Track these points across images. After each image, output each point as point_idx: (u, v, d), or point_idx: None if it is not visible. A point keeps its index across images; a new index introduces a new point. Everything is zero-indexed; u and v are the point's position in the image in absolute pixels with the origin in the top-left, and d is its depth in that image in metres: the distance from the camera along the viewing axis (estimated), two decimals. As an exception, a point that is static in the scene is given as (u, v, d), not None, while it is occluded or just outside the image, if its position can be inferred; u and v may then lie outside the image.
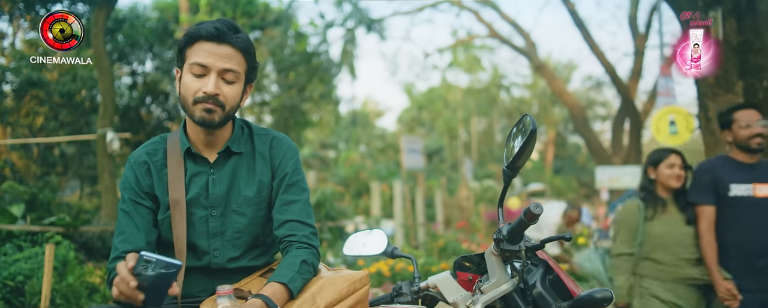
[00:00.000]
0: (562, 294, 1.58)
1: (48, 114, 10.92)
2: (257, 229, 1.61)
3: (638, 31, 16.19)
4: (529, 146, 1.45)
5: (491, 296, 1.58)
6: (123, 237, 1.53)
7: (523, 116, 1.49)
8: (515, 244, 1.51)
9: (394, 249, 1.89)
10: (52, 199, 7.42)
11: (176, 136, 1.61)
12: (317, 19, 17.94)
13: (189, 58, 1.52)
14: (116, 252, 1.51)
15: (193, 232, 1.56)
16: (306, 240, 1.55)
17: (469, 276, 1.78)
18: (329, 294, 1.45)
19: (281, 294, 1.41)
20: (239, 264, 1.60)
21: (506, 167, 1.52)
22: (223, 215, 1.58)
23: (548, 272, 1.61)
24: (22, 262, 4.50)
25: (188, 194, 1.56)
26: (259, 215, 1.60)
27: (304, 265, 1.49)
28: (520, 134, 1.49)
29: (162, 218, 1.56)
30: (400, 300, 1.77)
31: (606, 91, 27.56)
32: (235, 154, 1.61)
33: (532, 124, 1.43)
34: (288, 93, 16.79)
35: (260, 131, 1.66)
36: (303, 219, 1.57)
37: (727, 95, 5.37)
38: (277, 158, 1.62)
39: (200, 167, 1.59)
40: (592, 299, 1.46)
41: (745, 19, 5.22)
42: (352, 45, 20.63)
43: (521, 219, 1.45)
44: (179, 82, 1.56)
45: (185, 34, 1.53)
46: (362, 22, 19.26)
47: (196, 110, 1.51)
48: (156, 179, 1.57)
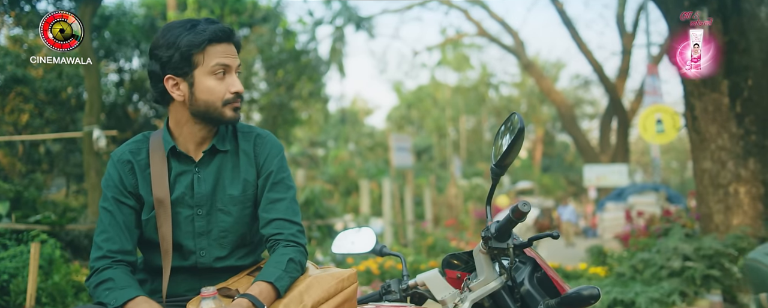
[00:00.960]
0: (549, 291, 1.59)
1: (33, 111, 10.80)
2: (244, 228, 1.60)
3: (626, 30, 16.30)
4: (517, 145, 1.46)
5: (479, 294, 1.59)
6: (106, 236, 1.51)
7: (511, 115, 1.50)
8: (503, 242, 1.52)
9: (383, 247, 1.90)
10: (38, 197, 7.34)
11: (159, 135, 1.59)
12: (306, 17, 17.85)
13: (206, 62, 1.51)
14: (100, 251, 1.50)
15: (179, 232, 1.55)
16: (293, 238, 1.55)
17: (457, 274, 1.78)
18: (317, 292, 1.44)
19: (268, 293, 1.41)
20: (226, 264, 1.59)
21: (494, 165, 1.53)
22: (208, 214, 1.57)
23: (536, 269, 1.62)
24: (7, 261, 4.45)
25: (173, 193, 1.55)
26: (245, 214, 1.59)
27: (291, 263, 1.48)
28: (508, 133, 1.50)
29: (147, 218, 1.55)
30: (388, 298, 1.77)
31: (594, 89, 27.75)
32: (220, 152, 1.59)
33: (520, 122, 1.44)
34: (276, 91, 16.72)
35: (244, 129, 1.64)
36: (289, 217, 1.57)
37: (712, 94, 5.43)
38: (262, 156, 1.61)
39: (185, 166, 1.58)
40: (579, 296, 1.47)
41: (730, 19, 5.27)
42: (341, 43, 20.60)
43: (509, 217, 1.46)
44: (184, 88, 1.53)
45: (191, 38, 1.49)
46: (351, 20, 19.23)
47: (226, 110, 1.53)
48: (140, 178, 1.56)
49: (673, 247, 4.85)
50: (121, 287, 1.42)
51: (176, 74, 1.53)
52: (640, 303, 4.29)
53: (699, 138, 5.54)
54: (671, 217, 5.95)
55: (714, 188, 5.41)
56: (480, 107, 30.49)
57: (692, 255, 4.73)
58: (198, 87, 1.52)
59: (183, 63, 1.51)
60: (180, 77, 1.53)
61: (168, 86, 1.54)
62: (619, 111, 16.09)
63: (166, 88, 1.54)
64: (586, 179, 15.06)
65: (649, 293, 4.39)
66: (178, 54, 1.50)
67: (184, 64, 1.51)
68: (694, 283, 4.61)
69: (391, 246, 8.47)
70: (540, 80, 18.16)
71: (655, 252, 4.99)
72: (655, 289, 4.46)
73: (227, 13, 16.24)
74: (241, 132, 1.63)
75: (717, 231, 5.33)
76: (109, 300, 1.40)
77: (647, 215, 6.68)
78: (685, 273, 4.64)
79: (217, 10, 16.68)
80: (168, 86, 1.54)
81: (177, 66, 1.51)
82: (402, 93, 31.40)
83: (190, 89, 1.53)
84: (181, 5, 16.70)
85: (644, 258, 4.93)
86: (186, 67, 1.51)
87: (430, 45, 27.23)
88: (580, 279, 5.33)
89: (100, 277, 1.46)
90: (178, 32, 1.51)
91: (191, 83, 1.53)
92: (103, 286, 1.44)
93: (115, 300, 1.40)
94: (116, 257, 1.49)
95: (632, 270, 4.95)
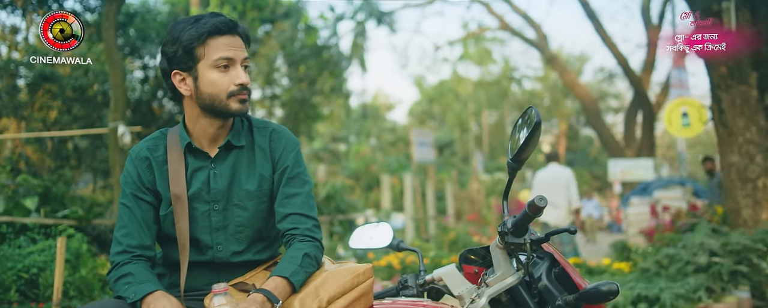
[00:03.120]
0: (568, 287, 1.57)
1: (61, 108, 11.03)
2: (260, 223, 1.61)
3: (651, 22, 16.01)
4: (533, 139, 1.45)
5: (496, 289, 1.58)
6: (125, 231, 1.53)
7: (528, 109, 1.49)
8: (520, 237, 1.50)
9: (400, 242, 1.89)
10: (66, 192, 7.49)
11: (176, 131, 1.61)
12: (327, 12, 17.87)
13: (208, 55, 1.51)
14: (120, 246, 1.52)
15: (196, 227, 1.57)
16: (309, 232, 1.55)
17: (474, 269, 1.77)
18: (332, 287, 1.44)
19: (283, 288, 1.41)
20: (243, 258, 1.60)
21: (511, 159, 1.51)
22: (225, 209, 1.58)
23: (554, 265, 1.60)
24: (36, 255, 4.54)
25: (190, 189, 1.56)
26: (261, 209, 1.60)
27: (307, 258, 1.49)
28: (525, 126, 1.49)
29: (164, 213, 1.57)
30: (405, 293, 1.77)
31: (618, 83, 27.36)
32: (235, 148, 1.60)
33: (537, 116, 1.43)
34: (298, 86, 16.80)
35: (260, 124, 1.65)
36: (305, 212, 1.57)
37: (740, 86, 5.31)
38: (277, 151, 1.61)
39: (201, 162, 1.59)
40: (598, 292, 1.45)
41: (759, 9, 5.14)
42: (362, 38, 20.60)
43: (525, 212, 1.45)
44: (190, 83, 1.55)
45: (192, 32, 1.50)
46: (372, 14, 19.21)
47: (231, 103, 1.52)
48: (157, 174, 1.58)
49: (699, 242, 4.76)
50: (140, 281, 1.44)
51: (182, 69, 1.54)
52: (665, 299, 4.22)
53: (726, 132, 5.43)
54: (697, 212, 5.85)
55: (742, 182, 5.31)
56: (502, 102, 30.26)
57: (719, 251, 4.64)
58: (202, 80, 1.53)
59: (186, 57, 1.52)
60: (185, 71, 1.54)
61: (175, 81, 1.56)
62: (645, 104, 15.83)
63: (174, 83, 1.56)
64: (611, 174, 14.87)
65: (674, 289, 4.31)
66: (181, 49, 1.51)
67: (188, 58, 1.52)
68: (721, 279, 4.52)
69: (412, 241, 8.46)
70: (563, 73, 17.94)
71: (680, 247, 4.91)
72: (681, 285, 4.38)
73: (249, 9, 16.36)
74: (257, 127, 1.64)
75: (745, 226, 5.22)
76: (128, 294, 1.43)
77: (673, 210, 6.57)
78: (711, 268, 4.55)
79: (240, 6, 16.80)
80: (175, 81, 1.56)
81: (181, 61, 1.53)
82: (423, 88, 31.31)
83: (195, 83, 1.54)
84: (204, 2, 16.86)
85: (669, 253, 4.85)
86: (189, 62, 1.52)
87: (452, 39, 27.08)
88: (603, 275, 5.27)
89: (120, 272, 1.48)
90: (182, 27, 1.52)
91: (195, 77, 1.53)
92: (122, 280, 1.46)
93: (134, 294, 1.42)
94: (135, 252, 1.52)
95: (657, 265, 4.87)
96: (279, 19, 17.85)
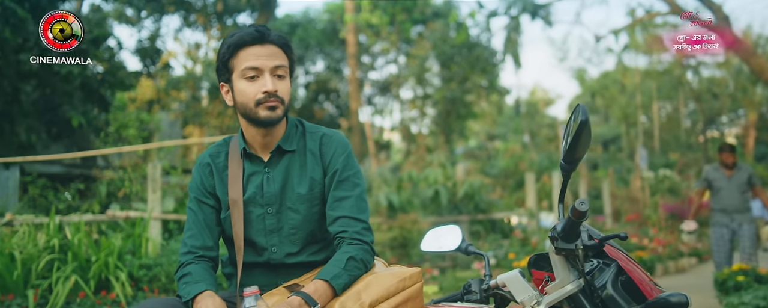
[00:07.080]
0: (637, 296, 1.46)
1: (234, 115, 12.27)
2: (312, 225, 1.65)
3: None
4: (582, 138, 1.36)
5: (555, 297, 1.50)
6: (190, 233, 1.66)
7: (577, 106, 1.40)
8: (571, 243, 1.41)
9: (469, 245, 1.85)
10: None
11: (236, 138, 1.71)
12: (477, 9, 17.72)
13: (237, 66, 1.60)
14: (185, 247, 1.65)
15: (252, 229, 1.64)
16: (357, 235, 1.57)
17: (545, 275, 1.69)
18: (376, 290, 1.44)
19: (324, 291, 1.44)
20: (298, 260, 1.65)
21: (563, 160, 1.43)
22: (278, 212, 1.64)
23: (621, 272, 1.49)
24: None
25: (246, 193, 1.64)
26: (313, 212, 1.64)
27: (352, 261, 1.50)
28: (575, 126, 1.40)
29: (223, 216, 1.67)
30: (469, 298, 1.73)
31: (820, 65, 23.65)
32: (287, 152, 1.66)
33: (583, 114, 1.34)
34: (449, 85, 16.84)
35: (312, 129, 1.70)
36: (355, 215, 1.59)
37: None
38: (327, 155, 1.65)
39: (256, 167, 1.67)
40: (666, 303, 1.38)
41: None
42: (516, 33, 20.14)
43: (569, 218, 1.36)
44: (231, 94, 1.64)
45: (225, 46, 1.60)
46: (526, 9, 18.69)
47: (259, 111, 1.59)
48: (217, 179, 1.68)
49: None
50: (195, 281, 1.55)
51: (224, 81, 1.65)
52: None
53: None
54: None
55: None
56: (676, 92, 27.71)
57: None
58: (236, 91, 1.62)
59: (224, 70, 1.63)
60: (226, 83, 1.65)
61: (222, 92, 1.67)
62: None
63: (222, 94, 1.68)
64: (806, 170, 12.95)
65: None
66: (220, 63, 1.63)
67: (225, 70, 1.62)
68: None
69: (559, 242, 8.09)
70: (751, 57, 15.96)
71: None
72: None
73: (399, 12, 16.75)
74: (309, 132, 1.69)
75: None
76: (184, 293, 1.55)
77: None
78: None
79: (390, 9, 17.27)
80: (222, 92, 1.67)
81: (221, 73, 1.64)
82: (585, 81, 29.70)
83: (232, 93, 1.64)
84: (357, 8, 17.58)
85: None
86: (226, 74, 1.63)
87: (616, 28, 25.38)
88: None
89: (183, 271, 1.60)
90: (222, 42, 1.63)
91: (232, 88, 1.63)
92: (183, 280, 1.58)
93: (187, 293, 1.53)
94: (198, 252, 1.64)
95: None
96: (429, 20, 18.04)
